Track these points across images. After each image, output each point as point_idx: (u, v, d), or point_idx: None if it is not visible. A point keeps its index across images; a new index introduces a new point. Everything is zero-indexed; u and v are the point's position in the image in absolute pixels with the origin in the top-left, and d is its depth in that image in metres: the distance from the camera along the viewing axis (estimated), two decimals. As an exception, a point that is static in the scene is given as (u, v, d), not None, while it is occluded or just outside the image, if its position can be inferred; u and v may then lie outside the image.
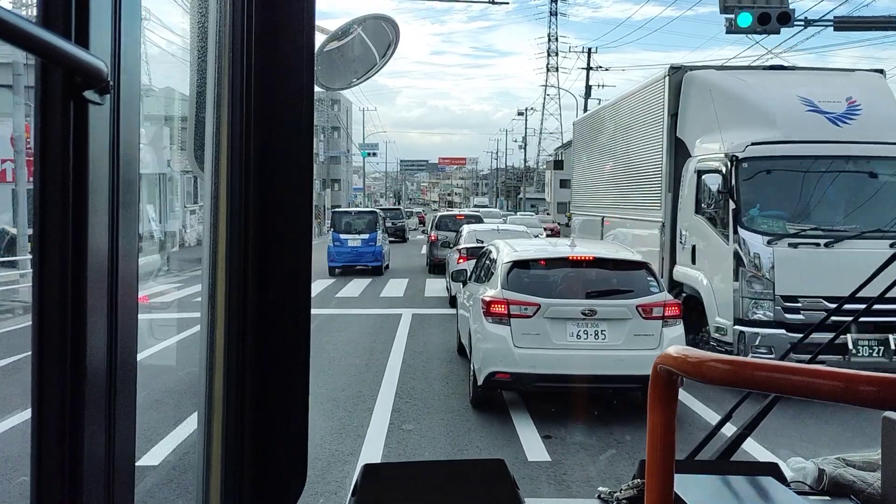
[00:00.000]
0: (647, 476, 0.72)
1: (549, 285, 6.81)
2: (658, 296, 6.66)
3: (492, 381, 6.49)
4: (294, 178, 0.82)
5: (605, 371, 6.27)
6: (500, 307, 6.52)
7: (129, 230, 0.63)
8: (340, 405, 7.10)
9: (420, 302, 14.38)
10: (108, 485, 0.62)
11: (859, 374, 0.57)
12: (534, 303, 6.45)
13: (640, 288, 6.71)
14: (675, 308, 6.64)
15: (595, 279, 6.86)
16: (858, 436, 5.97)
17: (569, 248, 7.57)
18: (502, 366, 6.41)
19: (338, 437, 6.16)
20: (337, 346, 9.97)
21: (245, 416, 0.80)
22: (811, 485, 1.51)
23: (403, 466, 1.49)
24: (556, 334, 6.40)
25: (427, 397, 7.43)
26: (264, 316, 0.81)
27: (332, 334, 10.92)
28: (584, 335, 6.41)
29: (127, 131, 0.62)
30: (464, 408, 7.03)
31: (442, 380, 8.15)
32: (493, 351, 6.48)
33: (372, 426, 6.41)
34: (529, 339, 6.40)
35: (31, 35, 0.48)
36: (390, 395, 7.42)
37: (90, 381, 0.59)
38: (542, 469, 5.41)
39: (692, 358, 0.66)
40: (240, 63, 0.78)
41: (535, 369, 6.36)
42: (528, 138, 68.17)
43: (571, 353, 6.34)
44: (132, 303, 0.64)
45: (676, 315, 6.63)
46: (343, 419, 6.68)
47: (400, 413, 6.84)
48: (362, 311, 13.17)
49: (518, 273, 6.85)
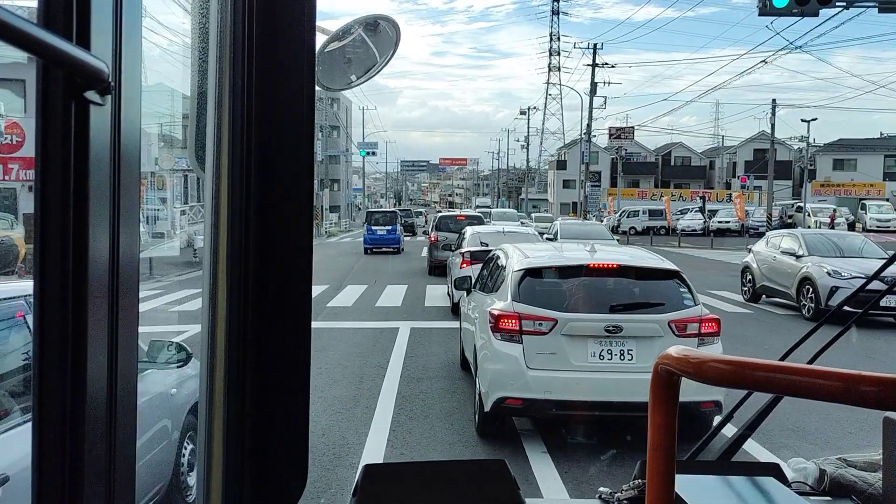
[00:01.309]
0: (648, 476, 0.72)
1: (566, 297, 5.98)
2: (693, 309, 5.85)
3: (501, 407, 5.68)
4: (295, 178, 0.82)
5: (633, 398, 5.39)
6: (510, 322, 5.73)
7: (130, 231, 0.63)
8: (317, 460, 5.48)
9: (420, 312, 13.07)
10: (108, 485, 0.62)
11: (860, 374, 0.57)
12: (549, 318, 5.66)
13: (672, 300, 5.90)
14: (712, 324, 5.82)
15: (620, 290, 6.08)
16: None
17: (588, 253, 6.56)
18: (513, 390, 5.60)
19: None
20: (321, 371, 8.32)
21: (246, 416, 0.80)
22: (812, 485, 1.51)
23: (404, 467, 1.49)
24: (576, 354, 5.61)
25: (425, 443, 5.97)
26: (265, 316, 0.81)
27: (316, 354, 8.94)
28: (607, 355, 5.61)
29: (128, 132, 0.62)
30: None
31: (444, 418, 6.63)
32: (503, 373, 5.66)
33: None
34: (544, 359, 5.62)
35: (32, 36, 0.48)
36: (381, 442, 5.95)
37: (91, 381, 0.59)
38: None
39: (693, 358, 0.66)
40: (241, 63, 0.78)
41: (550, 395, 5.55)
42: (530, 138, 68.23)
43: (593, 376, 5.55)
44: (133, 303, 0.65)
45: (714, 332, 5.81)
46: (318, 480, 5.09)
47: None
48: (354, 325, 11.70)
49: (531, 283, 6.03)
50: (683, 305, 5.89)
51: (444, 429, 6.38)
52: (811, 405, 6.54)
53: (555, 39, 69.63)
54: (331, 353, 9.47)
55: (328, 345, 9.94)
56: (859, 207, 45.22)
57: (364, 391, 7.55)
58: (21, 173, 16.71)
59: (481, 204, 67.68)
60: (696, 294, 6.15)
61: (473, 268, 11.92)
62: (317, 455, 5.59)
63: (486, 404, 5.79)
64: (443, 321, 11.89)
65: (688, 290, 6.03)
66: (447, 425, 6.46)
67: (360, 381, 8.01)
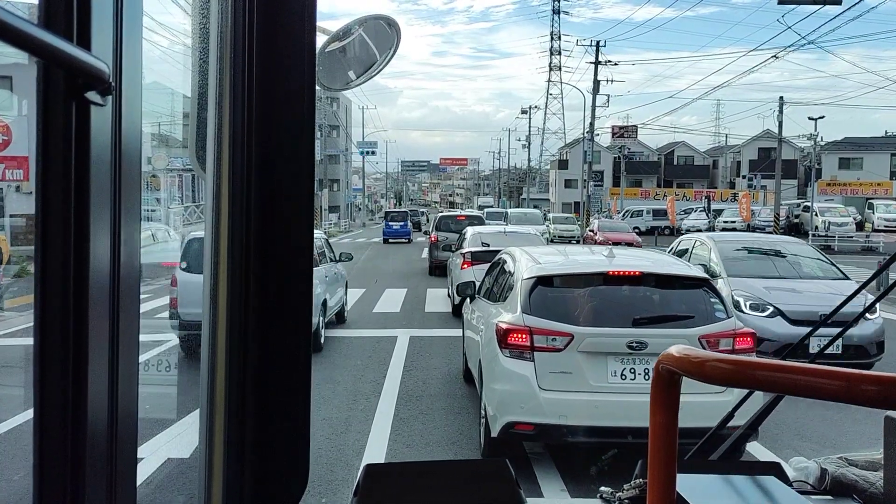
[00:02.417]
0: (650, 476, 0.72)
1: (583, 309, 5.37)
2: (725, 322, 5.29)
3: (510, 433, 5.14)
4: (295, 178, 0.82)
5: None
6: (520, 337, 5.15)
7: (131, 231, 0.63)
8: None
9: (420, 319, 12.47)
10: (109, 485, 0.62)
11: (861, 373, 0.57)
12: (565, 332, 5.08)
13: (702, 313, 5.33)
14: (748, 339, 5.26)
15: (643, 301, 5.48)
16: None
17: (607, 259, 5.97)
18: (523, 414, 5.04)
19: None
20: (311, 388, 7.80)
21: (247, 415, 0.80)
22: (814, 484, 1.51)
23: (406, 466, 1.50)
24: (595, 374, 5.04)
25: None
26: (266, 315, 0.81)
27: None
28: (630, 375, 5.04)
29: (129, 132, 0.62)
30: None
31: (447, 446, 6.02)
32: (512, 395, 5.10)
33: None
34: (559, 379, 5.04)
35: (32, 37, 0.49)
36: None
37: (92, 381, 0.59)
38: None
39: (694, 357, 0.66)
40: (241, 63, 0.78)
41: (566, 420, 4.97)
42: (532, 138, 68.17)
43: (614, 398, 4.97)
44: (134, 303, 0.65)
45: (750, 347, 5.26)
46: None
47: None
48: (350, 333, 11.13)
49: (542, 292, 5.43)
50: (715, 318, 5.32)
51: (446, 458, 5.71)
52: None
53: (555, 38, 69.62)
54: (323, 366, 8.77)
55: (320, 357, 9.37)
56: (866, 207, 44.98)
57: (357, 412, 6.88)
58: (8, 173, 15.94)
59: (484, 204, 67.37)
60: (730, 305, 5.65)
61: (474, 268, 11.77)
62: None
63: (493, 429, 5.24)
64: (444, 329, 11.31)
65: (719, 301, 5.48)
66: (450, 455, 5.81)
67: (354, 400, 7.36)
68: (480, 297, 7.02)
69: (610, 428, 4.96)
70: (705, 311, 5.36)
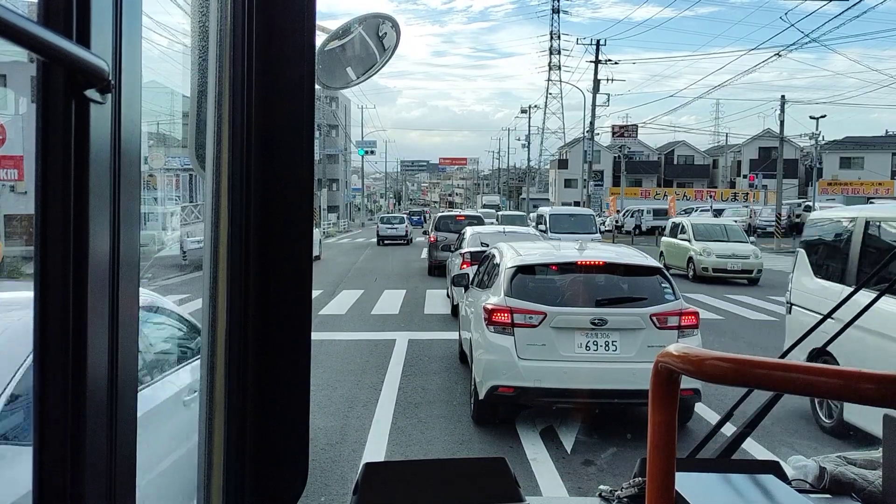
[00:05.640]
0: (649, 474, 0.72)
1: (556, 292, 6.35)
2: (673, 303, 6.22)
3: (494, 395, 6.05)
4: (295, 178, 0.82)
5: (617, 385, 5.86)
6: (502, 316, 6.12)
7: (130, 229, 0.63)
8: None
9: (419, 321, 12.22)
10: (110, 483, 0.62)
11: (860, 371, 0.57)
12: (539, 311, 6.04)
13: (654, 295, 6.29)
14: (692, 317, 6.20)
15: (605, 286, 6.45)
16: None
17: (577, 252, 6.98)
18: (505, 379, 5.99)
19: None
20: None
21: (246, 415, 0.80)
22: (812, 483, 1.51)
23: (405, 465, 1.50)
24: (564, 345, 5.98)
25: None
26: (265, 315, 0.81)
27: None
28: (593, 346, 5.99)
29: (128, 130, 0.62)
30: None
31: (447, 455, 5.80)
32: (496, 363, 6.06)
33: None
34: (535, 350, 5.99)
35: (32, 34, 0.48)
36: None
37: (91, 380, 0.59)
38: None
39: (693, 356, 0.66)
40: (241, 62, 0.78)
41: (540, 383, 5.93)
42: (531, 137, 68.10)
43: (580, 365, 5.93)
44: (133, 302, 0.65)
45: (693, 324, 6.18)
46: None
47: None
48: (347, 336, 10.79)
49: (522, 279, 6.40)
50: (664, 300, 6.26)
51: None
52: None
53: (555, 38, 69.57)
54: (319, 371, 8.47)
55: (316, 361, 8.79)
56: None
57: (353, 420, 6.68)
58: (2, 173, 15.69)
59: (489, 202, 66.32)
60: (677, 289, 6.55)
61: (474, 268, 11.78)
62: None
63: (480, 392, 6.19)
64: (443, 331, 10.98)
65: (669, 285, 6.44)
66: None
67: (350, 406, 7.11)
68: (473, 287, 7.92)
69: (576, 389, 5.93)
70: (657, 294, 6.33)
